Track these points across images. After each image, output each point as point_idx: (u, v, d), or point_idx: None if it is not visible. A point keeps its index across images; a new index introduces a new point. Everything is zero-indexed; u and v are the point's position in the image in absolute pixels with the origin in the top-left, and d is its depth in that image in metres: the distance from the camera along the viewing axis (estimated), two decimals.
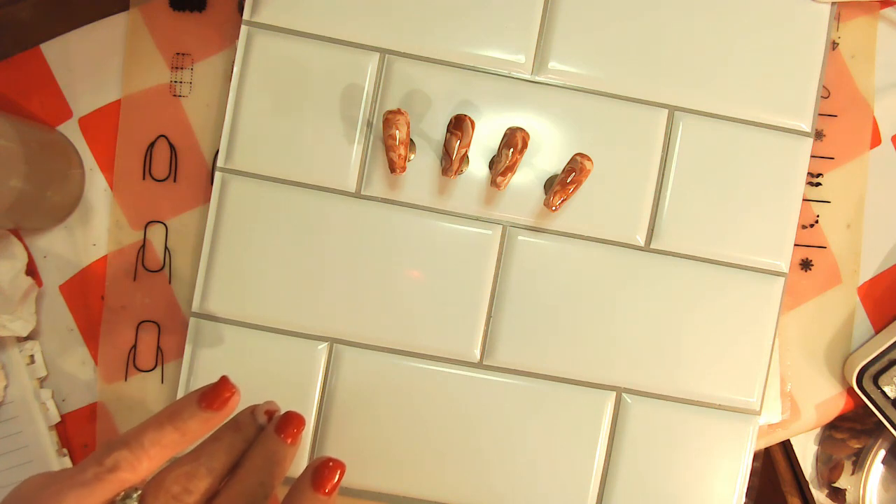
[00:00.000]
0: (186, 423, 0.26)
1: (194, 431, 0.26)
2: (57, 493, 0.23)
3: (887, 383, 0.41)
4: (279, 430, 0.28)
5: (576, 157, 0.33)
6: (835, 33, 0.42)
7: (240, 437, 0.27)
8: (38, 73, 0.40)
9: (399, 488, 0.39)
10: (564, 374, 0.40)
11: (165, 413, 0.26)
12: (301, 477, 0.27)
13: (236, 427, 0.28)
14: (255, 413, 0.29)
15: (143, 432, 0.25)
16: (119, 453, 0.24)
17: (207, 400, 0.26)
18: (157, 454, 0.25)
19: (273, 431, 0.28)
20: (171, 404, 0.27)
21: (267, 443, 0.27)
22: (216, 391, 0.27)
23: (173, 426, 0.25)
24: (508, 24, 0.39)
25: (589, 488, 0.40)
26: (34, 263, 0.40)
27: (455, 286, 0.39)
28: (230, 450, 0.27)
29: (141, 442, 0.25)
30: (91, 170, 0.40)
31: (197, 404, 0.26)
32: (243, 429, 0.28)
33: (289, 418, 0.28)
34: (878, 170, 0.43)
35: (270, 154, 0.39)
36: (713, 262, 0.40)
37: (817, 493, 0.47)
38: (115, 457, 0.24)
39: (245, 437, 0.27)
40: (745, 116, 0.40)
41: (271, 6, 0.38)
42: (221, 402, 0.27)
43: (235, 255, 0.39)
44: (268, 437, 0.27)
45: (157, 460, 0.25)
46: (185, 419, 0.26)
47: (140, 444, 0.24)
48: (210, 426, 0.27)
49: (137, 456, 0.24)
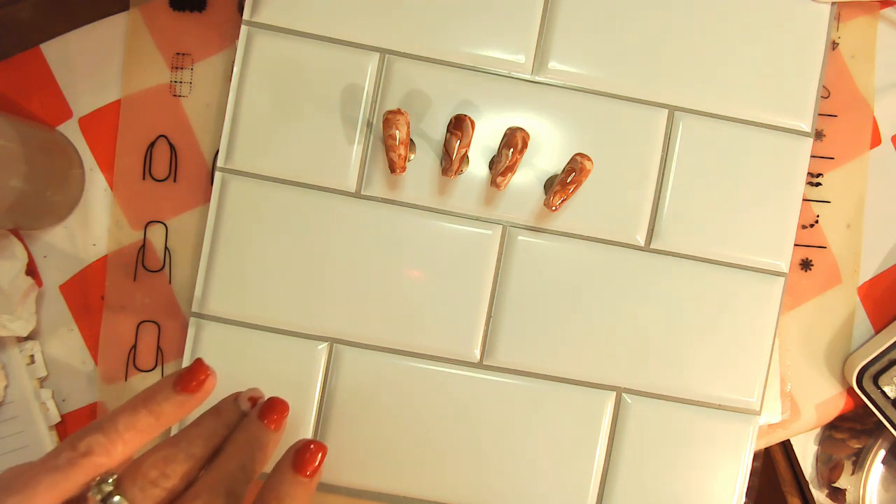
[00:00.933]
0: (161, 405, 0.25)
1: (169, 415, 0.26)
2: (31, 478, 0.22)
3: (887, 383, 0.41)
4: (262, 415, 0.27)
5: (576, 157, 0.33)
6: (835, 33, 0.42)
7: (221, 422, 0.27)
8: (38, 73, 0.40)
9: (399, 488, 0.39)
10: (564, 374, 0.40)
11: (140, 397, 0.25)
12: (282, 460, 0.26)
13: (217, 413, 0.27)
14: (238, 399, 0.28)
15: (117, 416, 0.25)
16: (93, 437, 0.23)
17: (182, 383, 0.26)
18: (132, 438, 0.24)
19: (256, 417, 0.27)
20: (146, 388, 0.26)
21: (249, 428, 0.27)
22: (191, 374, 0.26)
23: (148, 410, 0.25)
24: (508, 24, 0.39)
25: (589, 488, 0.40)
26: (34, 263, 0.40)
27: (455, 286, 0.39)
28: (211, 435, 0.26)
29: (115, 426, 0.24)
30: (91, 170, 0.40)
31: (172, 387, 0.26)
32: (225, 415, 0.27)
33: (272, 404, 0.28)
34: (878, 170, 0.43)
35: (270, 154, 0.39)
36: (713, 262, 0.40)
37: (817, 493, 0.47)
38: (88, 441, 0.23)
39: (226, 423, 0.27)
40: (745, 116, 0.40)
41: (271, 6, 0.38)
42: (197, 384, 0.26)
43: (235, 255, 0.39)
44: (250, 423, 0.27)
45: (133, 444, 0.25)
46: (159, 402, 0.25)
47: (114, 428, 0.24)
48: (185, 410, 0.26)
49: (112, 440, 0.24)
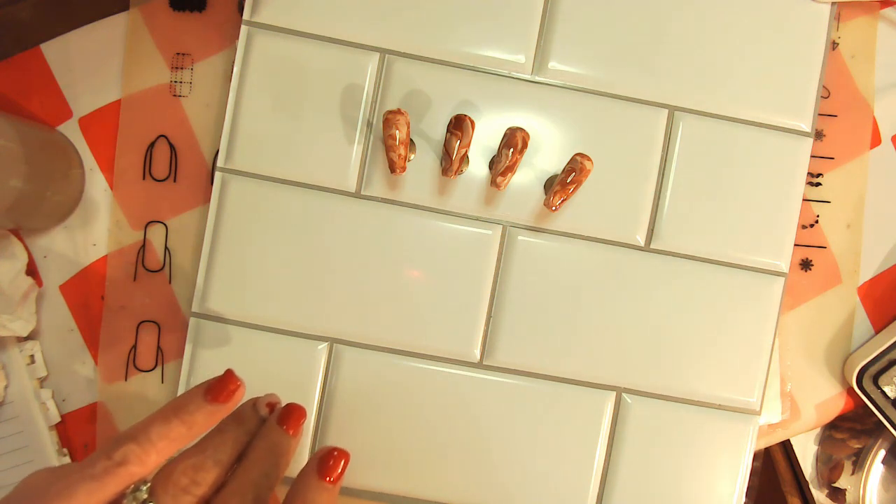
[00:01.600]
0: (193, 416, 0.26)
1: (200, 424, 0.26)
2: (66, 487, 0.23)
3: (887, 383, 0.41)
4: (281, 421, 0.28)
5: (576, 157, 0.33)
6: (835, 33, 0.42)
7: (243, 429, 0.28)
8: (38, 73, 0.40)
9: (399, 488, 0.39)
10: (564, 374, 0.40)
11: (171, 407, 0.26)
12: (306, 466, 0.27)
13: (239, 420, 0.28)
14: (257, 405, 0.29)
15: (150, 426, 0.25)
16: (128, 447, 0.24)
17: (213, 393, 0.27)
18: (165, 447, 0.25)
19: (275, 423, 0.28)
20: (176, 398, 0.27)
21: (270, 435, 0.28)
22: (222, 384, 0.27)
23: (180, 420, 0.26)
24: (508, 24, 0.39)
25: (589, 488, 0.40)
26: (34, 263, 0.40)
27: (455, 286, 0.39)
28: (235, 442, 0.27)
29: (149, 436, 0.25)
30: (91, 170, 0.40)
31: (203, 397, 0.27)
32: (246, 421, 0.28)
33: (290, 410, 0.28)
34: (878, 170, 0.43)
35: (270, 154, 0.39)
36: (713, 262, 0.40)
37: (817, 493, 0.47)
38: (123, 450, 0.24)
39: (248, 430, 0.28)
40: (745, 116, 0.40)
41: (271, 6, 0.38)
42: (227, 394, 0.27)
43: (235, 255, 0.39)
44: (270, 429, 0.28)
45: (165, 454, 0.25)
46: (191, 412, 0.26)
47: (148, 438, 0.25)
48: (216, 419, 0.27)
49: (146, 449, 0.24)
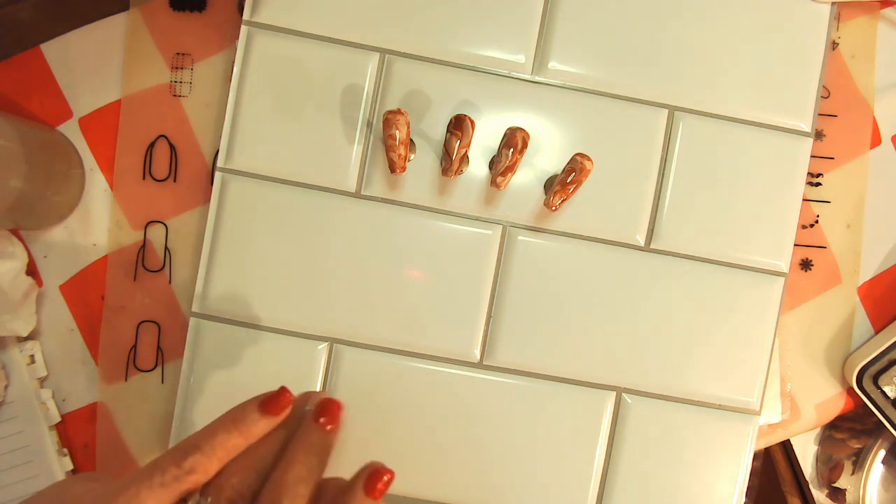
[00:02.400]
0: (250, 428, 0.28)
1: (256, 436, 0.28)
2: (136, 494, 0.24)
3: (887, 383, 0.41)
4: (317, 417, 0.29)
5: (576, 157, 0.33)
6: (835, 33, 0.42)
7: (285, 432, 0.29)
8: (38, 73, 0.40)
9: (399, 488, 0.39)
10: (564, 374, 0.40)
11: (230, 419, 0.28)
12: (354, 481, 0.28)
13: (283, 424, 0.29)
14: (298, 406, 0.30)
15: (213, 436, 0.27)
16: (195, 457, 0.26)
17: (268, 407, 0.28)
18: (224, 457, 0.27)
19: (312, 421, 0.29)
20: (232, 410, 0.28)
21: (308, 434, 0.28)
22: (277, 399, 0.29)
23: (239, 431, 0.27)
24: (508, 25, 0.39)
25: (589, 488, 0.40)
26: (34, 263, 0.40)
27: (455, 286, 0.39)
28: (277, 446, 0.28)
29: (213, 446, 0.27)
30: (91, 170, 0.40)
31: (258, 411, 0.28)
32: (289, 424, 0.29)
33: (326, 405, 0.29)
34: (878, 170, 0.43)
35: (270, 154, 0.39)
36: (713, 262, 0.40)
37: (817, 493, 0.47)
38: (192, 460, 0.26)
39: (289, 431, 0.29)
40: (745, 116, 0.40)
41: (271, 6, 0.38)
42: (281, 408, 0.29)
43: (235, 255, 0.39)
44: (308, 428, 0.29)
45: (223, 462, 0.27)
46: (248, 425, 0.28)
47: (212, 449, 0.26)
48: (267, 430, 0.29)
49: (210, 459, 0.26)
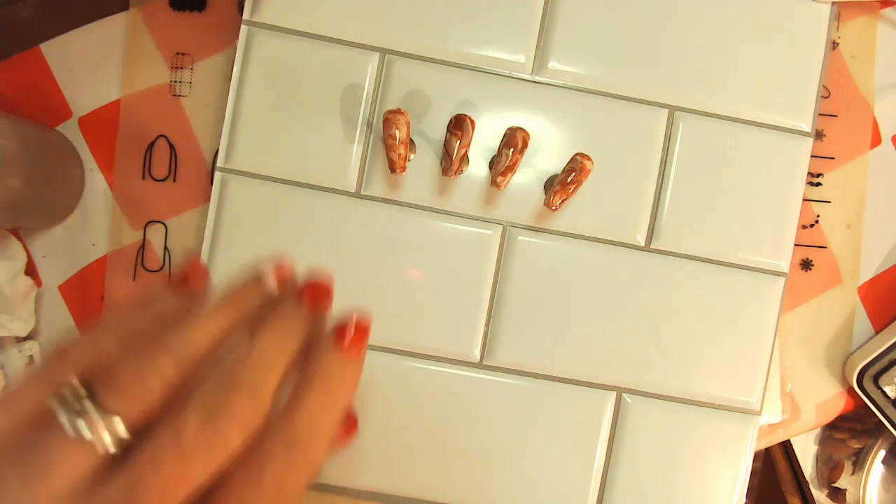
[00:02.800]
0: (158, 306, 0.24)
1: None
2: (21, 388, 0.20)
3: (887, 383, 0.41)
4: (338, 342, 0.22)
5: (576, 157, 0.33)
6: (835, 33, 0.42)
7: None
8: (38, 73, 0.40)
9: (399, 488, 0.39)
10: (564, 374, 0.40)
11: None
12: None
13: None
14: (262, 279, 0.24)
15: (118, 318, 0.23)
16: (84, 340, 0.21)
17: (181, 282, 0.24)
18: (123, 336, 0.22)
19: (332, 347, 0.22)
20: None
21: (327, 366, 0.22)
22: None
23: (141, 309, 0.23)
24: (508, 24, 0.39)
25: (589, 488, 0.40)
26: (34, 263, 0.40)
27: (455, 286, 0.39)
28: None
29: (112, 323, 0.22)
30: (91, 170, 0.40)
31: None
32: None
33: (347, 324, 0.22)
34: (878, 170, 0.43)
35: (270, 154, 0.39)
36: (713, 262, 0.40)
37: (817, 493, 0.47)
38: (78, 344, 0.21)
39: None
40: (745, 116, 0.40)
41: (271, 6, 0.38)
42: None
43: (235, 255, 0.39)
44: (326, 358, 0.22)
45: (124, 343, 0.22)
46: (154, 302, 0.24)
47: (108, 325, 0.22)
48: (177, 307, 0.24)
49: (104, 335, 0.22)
